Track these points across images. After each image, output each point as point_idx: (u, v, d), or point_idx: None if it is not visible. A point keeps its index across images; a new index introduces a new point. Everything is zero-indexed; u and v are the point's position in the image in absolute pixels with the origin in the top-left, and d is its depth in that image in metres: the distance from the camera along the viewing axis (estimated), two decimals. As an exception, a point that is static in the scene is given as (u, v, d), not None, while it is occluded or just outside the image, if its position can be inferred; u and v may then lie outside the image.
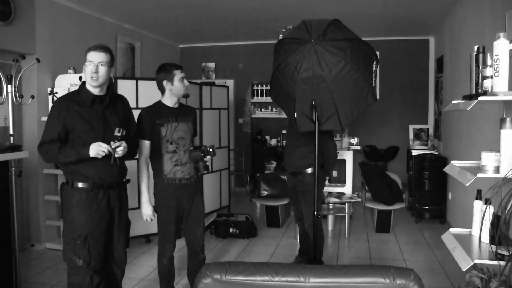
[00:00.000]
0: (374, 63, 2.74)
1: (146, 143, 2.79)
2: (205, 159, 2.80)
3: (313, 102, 2.66)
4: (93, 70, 2.37)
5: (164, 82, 2.82)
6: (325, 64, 2.54)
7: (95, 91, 2.45)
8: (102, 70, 2.40)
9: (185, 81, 2.87)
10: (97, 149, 2.32)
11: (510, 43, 1.85)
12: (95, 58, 2.39)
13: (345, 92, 2.66)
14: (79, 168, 2.39)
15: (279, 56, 2.80)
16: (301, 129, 2.85)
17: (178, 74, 2.84)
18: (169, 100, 2.86)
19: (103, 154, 2.33)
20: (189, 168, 2.85)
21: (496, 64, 1.84)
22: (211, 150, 2.80)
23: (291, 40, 2.72)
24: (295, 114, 2.79)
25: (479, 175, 1.87)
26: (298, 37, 2.64)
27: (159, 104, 2.88)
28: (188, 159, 2.83)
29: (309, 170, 3.38)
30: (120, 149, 2.38)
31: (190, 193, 2.89)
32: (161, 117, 2.80)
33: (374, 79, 2.74)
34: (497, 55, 1.83)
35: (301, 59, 2.58)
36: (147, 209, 2.83)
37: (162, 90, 2.87)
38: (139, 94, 4.55)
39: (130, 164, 2.72)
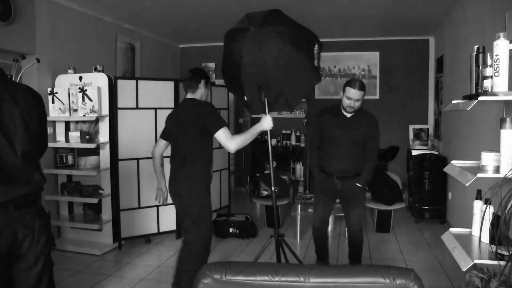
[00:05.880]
0: (316, 45, 2.90)
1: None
2: None
3: (259, 86, 2.85)
4: None
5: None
6: (266, 48, 2.72)
7: None
8: None
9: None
10: None
11: (510, 43, 1.85)
12: None
13: (288, 73, 2.84)
14: None
15: (226, 46, 3.00)
16: (253, 113, 3.08)
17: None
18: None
19: None
20: None
21: (496, 64, 1.84)
22: None
23: (235, 30, 2.91)
24: (245, 98, 3.00)
25: (479, 175, 1.87)
26: (240, 27, 2.85)
27: None
28: None
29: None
30: None
31: None
32: None
33: (317, 60, 2.91)
34: (497, 55, 1.83)
35: (243, 45, 2.78)
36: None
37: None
38: (139, 94, 4.55)
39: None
